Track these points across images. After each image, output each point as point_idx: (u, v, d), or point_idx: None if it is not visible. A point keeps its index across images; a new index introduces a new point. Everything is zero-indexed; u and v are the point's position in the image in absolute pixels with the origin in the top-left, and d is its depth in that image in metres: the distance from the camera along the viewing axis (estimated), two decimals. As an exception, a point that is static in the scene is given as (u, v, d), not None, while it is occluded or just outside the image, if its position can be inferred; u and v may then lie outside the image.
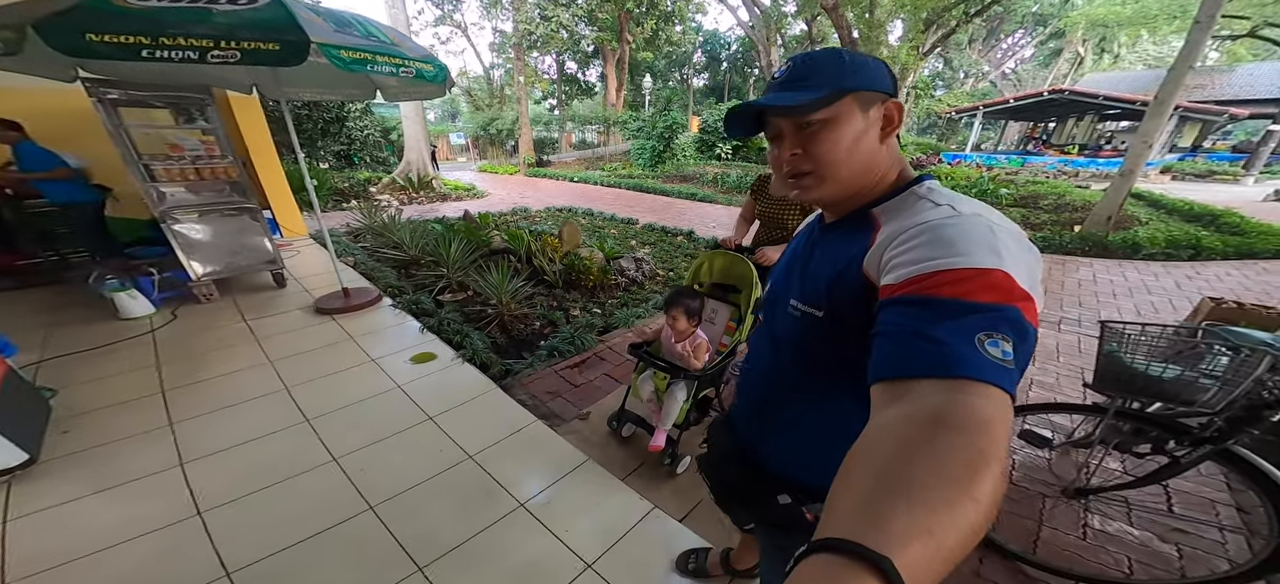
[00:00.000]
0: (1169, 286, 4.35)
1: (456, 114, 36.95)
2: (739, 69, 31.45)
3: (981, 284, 0.44)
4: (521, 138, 15.22)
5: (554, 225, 6.39)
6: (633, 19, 17.60)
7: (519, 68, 14.87)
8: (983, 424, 0.37)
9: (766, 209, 2.13)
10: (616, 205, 8.64)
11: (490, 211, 6.95)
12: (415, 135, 10.29)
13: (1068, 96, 14.46)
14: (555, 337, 2.95)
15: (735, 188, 10.14)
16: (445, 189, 9.99)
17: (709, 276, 2.09)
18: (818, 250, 0.70)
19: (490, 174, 14.94)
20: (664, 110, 15.69)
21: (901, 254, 0.51)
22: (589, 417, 2.25)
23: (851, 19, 9.16)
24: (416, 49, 2.74)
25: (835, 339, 0.63)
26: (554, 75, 24.43)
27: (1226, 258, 5.19)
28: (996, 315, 0.42)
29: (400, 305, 3.41)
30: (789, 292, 0.72)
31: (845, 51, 0.62)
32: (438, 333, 2.99)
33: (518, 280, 3.45)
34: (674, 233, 6.14)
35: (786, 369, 0.73)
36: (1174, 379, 1.21)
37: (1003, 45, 26.76)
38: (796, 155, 0.63)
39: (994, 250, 0.46)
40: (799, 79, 0.61)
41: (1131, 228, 5.99)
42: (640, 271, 4.26)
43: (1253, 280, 4.48)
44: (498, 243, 4.59)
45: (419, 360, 2.69)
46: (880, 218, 0.62)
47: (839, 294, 0.61)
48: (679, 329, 1.78)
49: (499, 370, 2.60)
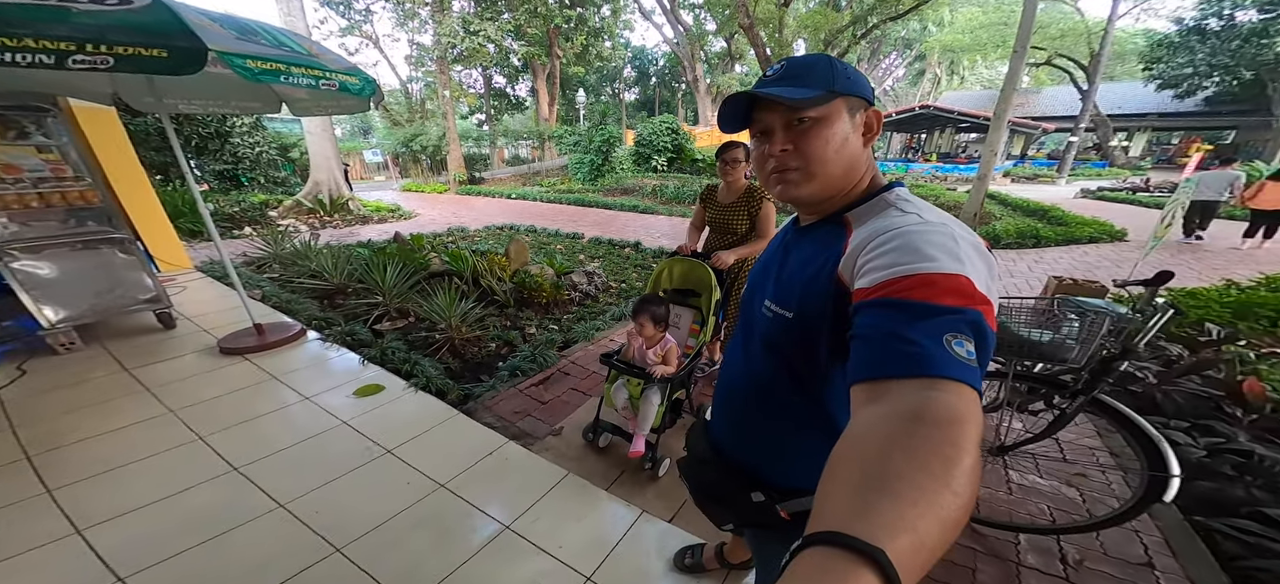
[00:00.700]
0: (1024, 269, 5.39)
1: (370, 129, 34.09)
2: (667, 83, 32.96)
3: (946, 287, 0.46)
4: (450, 154, 14.50)
5: (497, 244, 6.21)
6: (562, 34, 17.74)
7: (443, 82, 14.20)
8: (955, 419, 0.38)
9: (716, 216, 2.34)
10: (560, 220, 8.59)
11: (423, 233, 6.58)
12: (323, 153, 9.36)
13: (933, 111, 17.33)
14: (515, 356, 2.91)
15: (674, 198, 10.59)
16: (365, 210, 9.22)
17: (670, 283, 2.23)
18: (793, 252, 0.72)
19: (416, 193, 14.04)
20: (600, 124, 15.91)
21: (874, 259, 0.53)
22: (562, 431, 2.26)
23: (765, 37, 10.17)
24: (338, 60, 2.57)
25: (804, 340, 0.64)
26: (481, 89, 23.66)
27: (1058, 244, 6.56)
28: (960, 318, 0.44)
29: (331, 338, 3.13)
30: (764, 292, 0.73)
31: (835, 58, 0.64)
32: (382, 363, 2.81)
33: (467, 302, 3.34)
34: (621, 245, 6.28)
35: (758, 369, 0.73)
36: (1049, 342, 1.43)
37: (882, 65, 31.17)
38: (786, 151, 0.64)
39: (957, 257, 0.49)
40: (794, 77, 0.62)
41: (990, 223, 7.32)
42: (593, 285, 4.32)
43: (1078, 261, 5.71)
44: (437, 265, 4.37)
45: (365, 393, 2.51)
46: (852, 222, 0.64)
47: (811, 297, 0.62)
48: (647, 335, 1.88)
49: (458, 395, 2.52)
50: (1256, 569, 1.43)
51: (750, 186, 2.24)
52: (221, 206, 7.72)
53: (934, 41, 25.06)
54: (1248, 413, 1.90)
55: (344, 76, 2.43)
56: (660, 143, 14.12)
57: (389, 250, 4.53)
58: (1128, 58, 23.78)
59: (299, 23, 8.36)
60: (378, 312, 3.50)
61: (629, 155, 14.43)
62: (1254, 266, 5.28)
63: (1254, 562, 1.45)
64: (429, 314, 3.20)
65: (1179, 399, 2.08)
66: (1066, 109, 20.12)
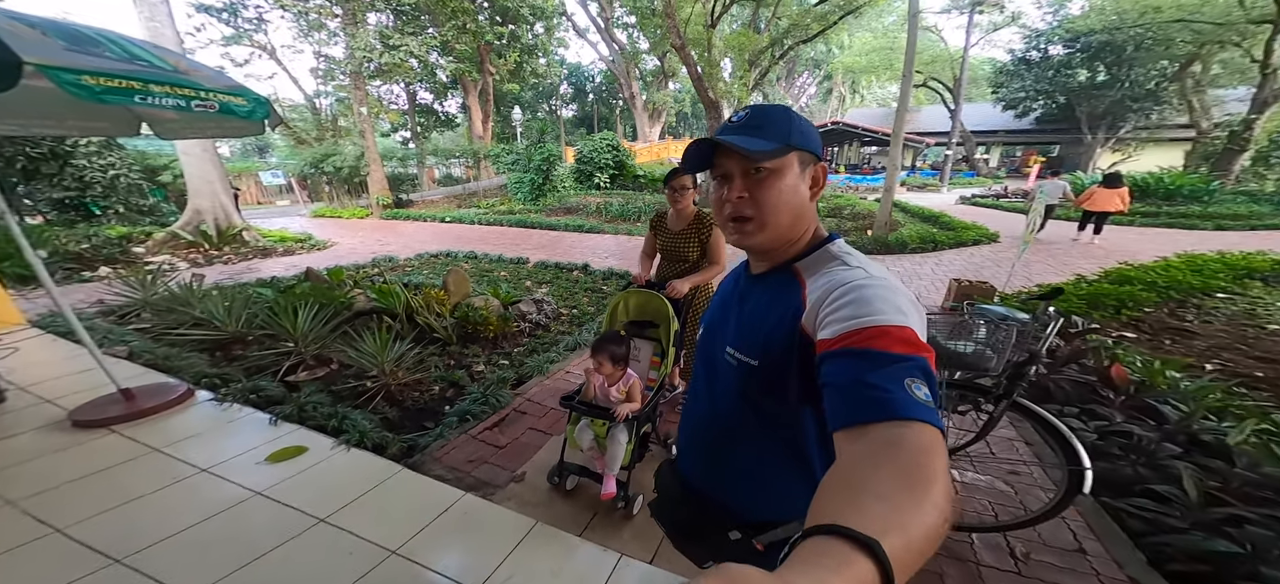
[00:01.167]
0: (928, 272, 6.16)
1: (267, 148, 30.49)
2: (605, 100, 33.46)
3: (897, 337, 0.52)
4: (371, 175, 13.32)
5: (433, 274, 5.79)
6: (494, 51, 17.32)
7: (359, 98, 13.08)
8: (927, 450, 0.44)
9: (667, 243, 2.37)
10: (501, 244, 8.25)
11: (343, 265, 5.96)
12: (204, 176, 8.06)
13: (842, 127, 19.56)
14: (464, 399, 2.71)
15: (619, 216, 10.68)
16: (266, 241, 8.12)
17: (626, 315, 2.21)
18: (749, 300, 0.76)
19: (332, 219, 12.71)
20: (539, 142, 15.65)
21: (834, 313, 0.59)
22: (525, 477, 2.13)
23: (696, 57, 10.78)
24: (217, 78, 2.24)
25: (771, 384, 0.68)
26: (405, 106, 22.22)
27: (951, 247, 7.60)
28: (913, 364, 0.51)
29: (229, 397, 2.69)
30: (723, 337, 0.77)
31: (792, 111, 0.69)
32: (300, 421, 2.47)
33: (402, 343, 3.05)
34: (569, 268, 6.16)
35: (725, 411, 0.77)
36: (973, 353, 1.55)
37: (797, 83, 34.57)
38: (743, 198, 0.68)
39: (901, 310, 0.56)
40: (756, 127, 0.66)
41: (898, 230, 8.31)
42: (543, 314, 4.18)
43: (968, 262, 6.65)
44: (363, 303, 3.97)
45: (281, 458, 2.18)
46: (803, 273, 0.69)
47: (775, 346, 0.67)
48: (607, 373, 1.84)
49: (399, 449, 2.27)
50: (1163, 544, 1.58)
51: (700, 213, 2.30)
52: (63, 244, 6.36)
53: (837, 63, 28.79)
54: (1118, 395, 2.30)
55: (225, 96, 2.10)
56: (602, 160, 14.22)
57: (299, 290, 3.99)
58: (980, 82, 28.56)
59: (166, 31, 7.18)
60: (290, 361, 3.07)
61: (570, 173, 14.34)
62: (1087, 257, 6.57)
63: (1158, 538, 1.60)
64: (357, 360, 2.87)
65: (1067, 387, 2.45)
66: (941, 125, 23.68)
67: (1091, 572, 1.60)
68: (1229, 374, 2.90)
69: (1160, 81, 18.34)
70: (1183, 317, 4.11)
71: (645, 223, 9.81)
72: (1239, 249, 6.12)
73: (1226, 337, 3.66)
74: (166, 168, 10.89)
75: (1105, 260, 6.32)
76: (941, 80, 22.47)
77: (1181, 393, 2.25)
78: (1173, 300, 4.44)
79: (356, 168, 14.17)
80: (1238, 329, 3.81)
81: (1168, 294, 4.49)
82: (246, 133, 2.58)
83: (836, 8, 12.30)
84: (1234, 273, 5.03)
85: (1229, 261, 5.34)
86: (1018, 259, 4.44)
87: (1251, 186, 14.58)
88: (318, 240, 8.64)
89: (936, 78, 22.78)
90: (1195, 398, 2.22)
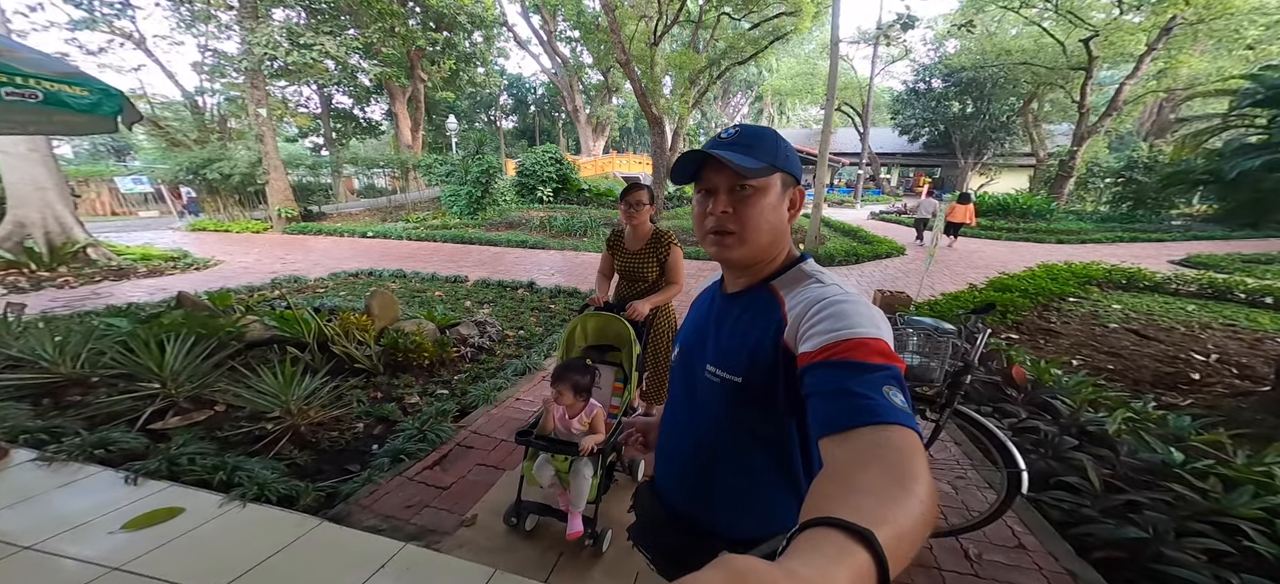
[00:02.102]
0: (855, 283, 6.73)
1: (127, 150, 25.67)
2: (547, 112, 32.97)
3: (873, 348, 0.56)
4: (272, 184, 11.68)
5: (353, 296, 5.16)
6: (427, 57, 16.28)
7: (257, 98, 11.46)
8: (910, 451, 0.46)
9: (625, 263, 2.30)
10: (435, 262, 7.65)
11: (231, 288, 5.10)
12: (31, 180, 6.48)
13: None
14: (396, 436, 2.39)
15: (564, 231, 10.44)
16: (121, 260, 6.74)
17: (584, 340, 2.10)
18: (728, 319, 0.77)
19: (217, 233, 11.01)
20: (477, 153, 14.89)
21: (814, 326, 0.62)
22: (477, 519, 1.91)
23: (640, 73, 11.04)
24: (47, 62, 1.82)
25: (755, 399, 0.71)
26: (318, 109, 20.00)
27: (870, 259, 8.47)
28: (888, 374, 0.54)
29: (65, 454, 2.12)
30: (703, 356, 0.78)
31: (780, 136, 0.72)
32: (171, 477, 2.01)
33: (312, 378, 2.64)
34: (513, 286, 5.86)
35: (708, 430, 0.78)
36: (919, 365, 1.64)
37: (732, 103, 37.02)
38: (727, 213, 0.70)
39: (875, 324, 0.60)
40: (746, 146, 0.69)
41: (824, 244, 9.10)
42: (486, 336, 3.89)
43: (885, 273, 7.44)
44: (259, 331, 3.40)
45: (145, 524, 1.76)
46: (780, 291, 0.72)
47: (758, 362, 0.70)
48: (567, 404, 1.71)
49: (315, 499, 1.94)
50: (1085, 534, 1.74)
51: (657, 231, 2.26)
52: None
53: (767, 85, 31.51)
54: (1019, 393, 2.64)
55: (54, 84, 1.71)
56: (545, 173, 13.90)
57: (167, 318, 3.30)
58: (881, 109, 32.83)
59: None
60: (157, 406, 2.50)
61: (511, 186, 13.81)
62: (972, 267, 7.71)
63: (1079, 528, 1.75)
64: (251, 401, 2.41)
65: (979, 388, 2.78)
66: (853, 147, 26.73)
67: (1033, 566, 1.75)
68: (1090, 368, 3.50)
69: (1010, 115, 22.41)
70: (1048, 319, 4.92)
71: (593, 238, 9.76)
72: (1070, 259, 7.54)
73: (1082, 334, 4.44)
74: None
75: (987, 270, 7.43)
76: (852, 105, 25.49)
77: (1065, 388, 2.63)
78: (1040, 304, 5.32)
79: (251, 175, 12.29)
80: (1088, 328, 4.65)
81: (1037, 299, 5.36)
82: (91, 129, 2.09)
83: (766, 33, 13.38)
84: (1079, 280, 6.17)
85: (1074, 270, 6.56)
86: (926, 271, 5.04)
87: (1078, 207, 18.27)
88: (196, 258, 7.36)
89: (848, 103, 25.82)
90: (1073, 393, 2.61)
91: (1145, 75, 15.84)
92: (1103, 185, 18.01)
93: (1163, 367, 3.65)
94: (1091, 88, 16.52)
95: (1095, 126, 16.50)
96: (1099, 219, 15.26)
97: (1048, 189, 18.25)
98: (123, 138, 25.75)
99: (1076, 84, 17.65)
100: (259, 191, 12.38)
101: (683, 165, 0.72)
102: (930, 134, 25.26)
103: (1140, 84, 16.18)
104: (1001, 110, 22.32)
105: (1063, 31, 16.64)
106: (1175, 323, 4.85)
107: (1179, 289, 6.19)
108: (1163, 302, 5.72)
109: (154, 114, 17.31)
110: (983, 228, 12.57)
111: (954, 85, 22.57)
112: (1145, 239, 11.86)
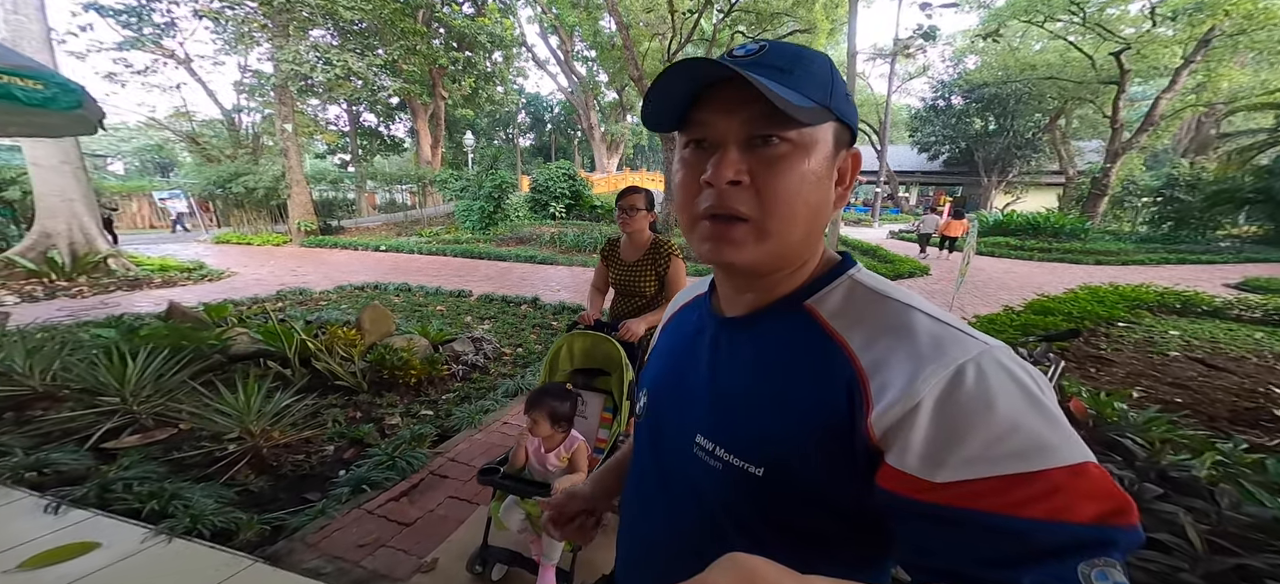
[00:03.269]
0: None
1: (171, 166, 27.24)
2: (563, 130, 33.67)
3: (1078, 491, 0.30)
4: (293, 198, 12.02)
5: (353, 309, 5.06)
6: (448, 75, 16.81)
7: (284, 114, 11.91)
8: None
9: (620, 276, 2.06)
10: (443, 276, 7.58)
11: (235, 299, 5.07)
12: (61, 192, 6.68)
13: None
14: (363, 462, 2.16)
15: (574, 247, 10.34)
16: (139, 271, 6.85)
17: (570, 363, 1.86)
18: (734, 363, 0.48)
19: (238, 246, 11.28)
20: (490, 168, 15.12)
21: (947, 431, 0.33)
22: (437, 565, 1.66)
23: None
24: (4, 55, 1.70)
25: (785, 507, 0.42)
26: (346, 127, 20.82)
27: (890, 280, 8.05)
28: (1105, 537, 0.30)
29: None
30: (688, 417, 0.50)
31: (830, 59, 0.44)
32: (100, 505, 1.81)
33: (284, 394, 2.45)
34: (517, 302, 5.68)
35: (694, 533, 0.49)
36: None
37: None
38: (739, 183, 0.40)
39: (1062, 432, 0.32)
40: (780, 67, 0.40)
41: (845, 262, 8.73)
42: (481, 354, 3.68)
43: (906, 291, 7.03)
44: (245, 345, 3.26)
45: (49, 560, 1.55)
46: (835, 326, 0.42)
47: (804, 448, 0.40)
48: (543, 435, 1.47)
49: (257, 533, 1.72)
50: None
51: (656, 240, 2.02)
52: None
53: None
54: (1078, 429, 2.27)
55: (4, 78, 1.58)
56: (557, 189, 13.95)
57: (145, 331, 3.19)
58: (899, 126, 32.28)
59: (33, 27, 6.10)
60: (114, 423, 2.34)
61: (524, 202, 13.90)
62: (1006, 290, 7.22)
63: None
64: (210, 420, 2.23)
65: None
66: (870, 164, 26.30)
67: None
68: (1153, 401, 3.07)
69: (1036, 132, 21.69)
70: (1097, 345, 4.45)
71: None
72: (1114, 281, 6.98)
73: (1138, 363, 3.96)
74: (14, 182, 9.05)
75: (1022, 292, 6.93)
76: (869, 123, 25.14)
77: (1134, 426, 2.25)
78: (1086, 329, 4.84)
79: (274, 189, 12.70)
80: (1144, 355, 4.17)
81: (1082, 323, 4.89)
82: (60, 130, 1.98)
83: (781, 51, 13.37)
84: (1128, 303, 5.65)
85: (1122, 292, 6.03)
86: (955, 291, 4.66)
87: (1114, 226, 17.36)
88: (211, 270, 7.45)
89: (865, 120, 25.48)
90: (1145, 430, 2.23)
91: (1182, 89, 15.12)
92: (1140, 204, 17.13)
93: (1240, 401, 3.19)
94: (1124, 103, 15.86)
95: (1130, 143, 15.77)
96: (1139, 239, 14.42)
97: (1080, 208, 17.45)
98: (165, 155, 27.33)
99: (1107, 99, 17.01)
100: (282, 206, 12.77)
101: (663, 94, 0.41)
102: (951, 151, 24.67)
103: (1177, 98, 15.44)
104: (1026, 127, 21.65)
105: (1091, 45, 16.12)
106: (1245, 352, 4.32)
107: (1242, 314, 5.61)
108: (1226, 328, 5.17)
109: (193, 130, 18.29)
110: (1013, 247, 11.99)
111: (975, 101, 22.06)
112: (1193, 260, 11.04)
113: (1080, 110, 20.83)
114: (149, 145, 26.68)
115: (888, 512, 0.36)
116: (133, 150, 28.46)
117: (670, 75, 0.40)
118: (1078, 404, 2.35)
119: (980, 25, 18.52)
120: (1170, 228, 14.41)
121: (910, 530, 0.34)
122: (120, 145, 27.99)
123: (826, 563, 0.43)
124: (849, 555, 0.43)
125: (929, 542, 0.33)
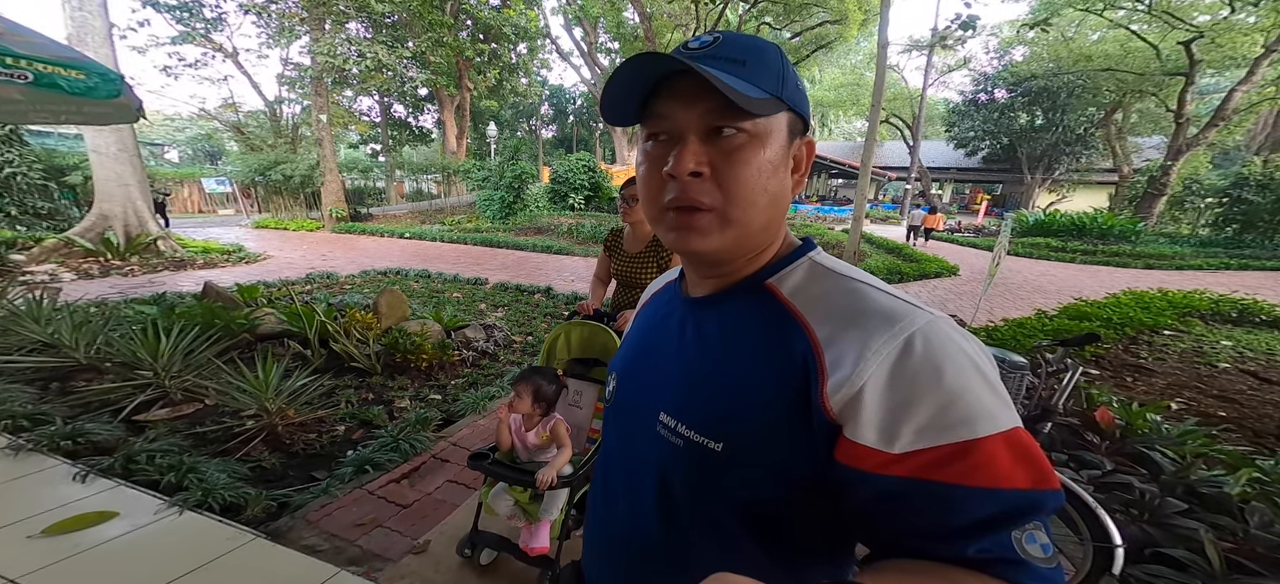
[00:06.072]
0: (895, 301, 6.18)
1: (218, 154, 28.84)
2: (585, 122, 33.75)
3: (1006, 458, 0.33)
4: (326, 185, 12.57)
5: (373, 293, 5.26)
6: (473, 67, 17.11)
7: (319, 105, 12.45)
8: None
9: (623, 268, 2.06)
10: (462, 263, 7.78)
11: (267, 281, 5.35)
12: (115, 177, 7.17)
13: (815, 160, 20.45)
14: (368, 443, 2.25)
15: (591, 238, 10.41)
16: (184, 252, 7.32)
17: (567, 353, 1.87)
18: (698, 341, 0.49)
19: (275, 230, 11.85)
20: (512, 159, 15.34)
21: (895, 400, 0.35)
22: (428, 547, 1.71)
23: None
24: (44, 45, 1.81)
25: (739, 484, 0.43)
26: (377, 117, 21.52)
27: (915, 279, 7.73)
28: (1033, 505, 0.33)
29: (35, 443, 2.08)
30: (655, 401, 0.49)
31: (780, 49, 0.44)
32: (125, 474, 1.94)
33: (301, 375, 2.57)
34: (530, 291, 5.77)
35: (653, 515, 0.49)
36: None
37: None
38: (700, 176, 0.42)
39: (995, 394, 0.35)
40: (734, 59, 0.40)
41: (865, 260, 8.43)
42: (491, 341, 3.77)
43: (932, 295, 6.71)
44: (273, 325, 3.43)
45: (68, 528, 1.66)
46: (795, 302, 0.44)
47: (759, 423, 0.42)
48: (525, 412, 1.49)
49: (263, 509, 1.81)
50: None
51: (658, 233, 2.02)
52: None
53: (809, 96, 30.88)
54: (1103, 440, 2.14)
55: (49, 67, 1.69)
56: (577, 180, 14.02)
57: (181, 309, 3.40)
58: (934, 121, 30.74)
59: (96, 22, 6.55)
60: (147, 396, 2.51)
61: (544, 192, 14.05)
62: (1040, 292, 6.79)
63: None
64: (231, 396, 2.36)
65: (1054, 433, 2.28)
66: (901, 160, 25.20)
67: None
68: (1194, 414, 2.85)
69: (1088, 127, 20.17)
70: (1137, 353, 4.15)
71: (615, 245, 9.59)
72: (1164, 286, 6.47)
73: (1182, 374, 3.68)
74: (77, 168, 9.84)
75: (1058, 295, 6.53)
76: (902, 117, 24.02)
77: (1166, 438, 2.10)
78: (1126, 336, 4.53)
79: (309, 177, 13.32)
80: (1190, 366, 3.86)
81: (1122, 330, 4.57)
82: (100, 118, 2.13)
83: (808, 42, 12.90)
84: (1177, 310, 5.24)
85: (1171, 299, 5.59)
86: (983, 294, 4.43)
87: (1170, 229, 16.06)
88: (249, 252, 7.88)
89: (897, 115, 24.35)
90: (1177, 444, 2.07)
91: (1261, 81, 13.76)
92: (1202, 205, 15.76)
93: (1295, 420, 2.92)
94: (1191, 96, 14.57)
95: (1196, 139, 14.50)
96: (1198, 242, 13.31)
97: (1133, 208, 16.23)
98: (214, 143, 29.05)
99: (1172, 91, 15.65)
100: (317, 193, 13.38)
101: (623, 85, 0.42)
102: (991, 147, 23.31)
103: (1254, 91, 14.06)
104: (1078, 122, 20.18)
105: (1156, 34, 14.84)
106: (1310, 368, 3.94)
107: (1311, 327, 5.10)
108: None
109: (238, 121, 19.35)
110: (1054, 249, 11.33)
111: (1022, 95, 20.67)
112: (1258, 267, 10.13)
113: (1140, 104, 19.22)
114: (200, 134, 28.42)
115: (843, 488, 0.37)
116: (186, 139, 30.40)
117: (627, 68, 0.41)
118: (1104, 414, 2.21)
119: (1030, 14, 17.33)
120: (1235, 231, 13.24)
121: (862, 506, 0.36)
122: (176, 134, 29.94)
123: (789, 547, 0.44)
124: (811, 539, 0.44)
125: (879, 518, 0.36)
